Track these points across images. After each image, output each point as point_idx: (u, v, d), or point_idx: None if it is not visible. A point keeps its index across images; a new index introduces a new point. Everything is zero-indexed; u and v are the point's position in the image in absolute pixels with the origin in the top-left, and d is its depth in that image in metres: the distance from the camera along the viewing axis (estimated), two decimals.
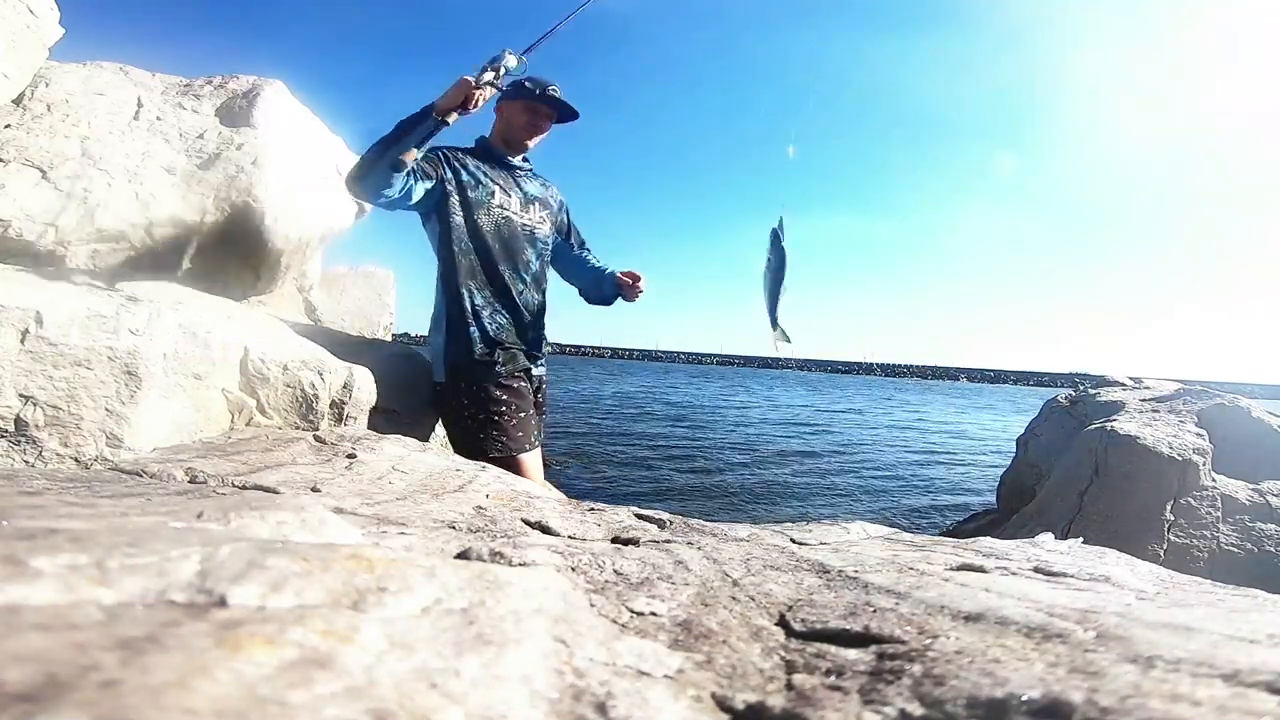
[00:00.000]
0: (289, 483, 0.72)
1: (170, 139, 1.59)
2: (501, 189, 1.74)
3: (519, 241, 1.76)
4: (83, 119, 1.48)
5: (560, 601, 0.38)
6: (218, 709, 0.19)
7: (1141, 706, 0.27)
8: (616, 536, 0.67)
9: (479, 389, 1.59)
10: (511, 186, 1.77)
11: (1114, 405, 2.62)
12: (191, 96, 1.74)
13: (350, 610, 0.28)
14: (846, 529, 0.84)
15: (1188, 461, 1.95)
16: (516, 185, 1.79)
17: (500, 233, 1.72)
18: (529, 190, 1.82)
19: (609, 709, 0.27)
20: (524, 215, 1.80)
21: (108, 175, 1.41)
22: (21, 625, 0.22)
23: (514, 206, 1.76)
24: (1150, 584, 0.60)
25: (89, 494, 0.52)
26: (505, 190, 1.75)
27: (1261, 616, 0.42)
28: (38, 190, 1.32)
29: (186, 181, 1.52)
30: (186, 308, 1.38)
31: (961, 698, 0.29)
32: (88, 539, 0.29)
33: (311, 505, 0.47)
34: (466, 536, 0.60)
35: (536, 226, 1.81)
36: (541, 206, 1.84)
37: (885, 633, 0.37)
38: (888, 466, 6.06)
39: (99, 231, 1.38)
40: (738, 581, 0.50)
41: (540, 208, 1.84)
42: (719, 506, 4.01)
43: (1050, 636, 0.35)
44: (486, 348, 1.62)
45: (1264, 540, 1.85)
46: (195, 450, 0.85)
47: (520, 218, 1.78)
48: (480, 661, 0.27)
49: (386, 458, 0.88)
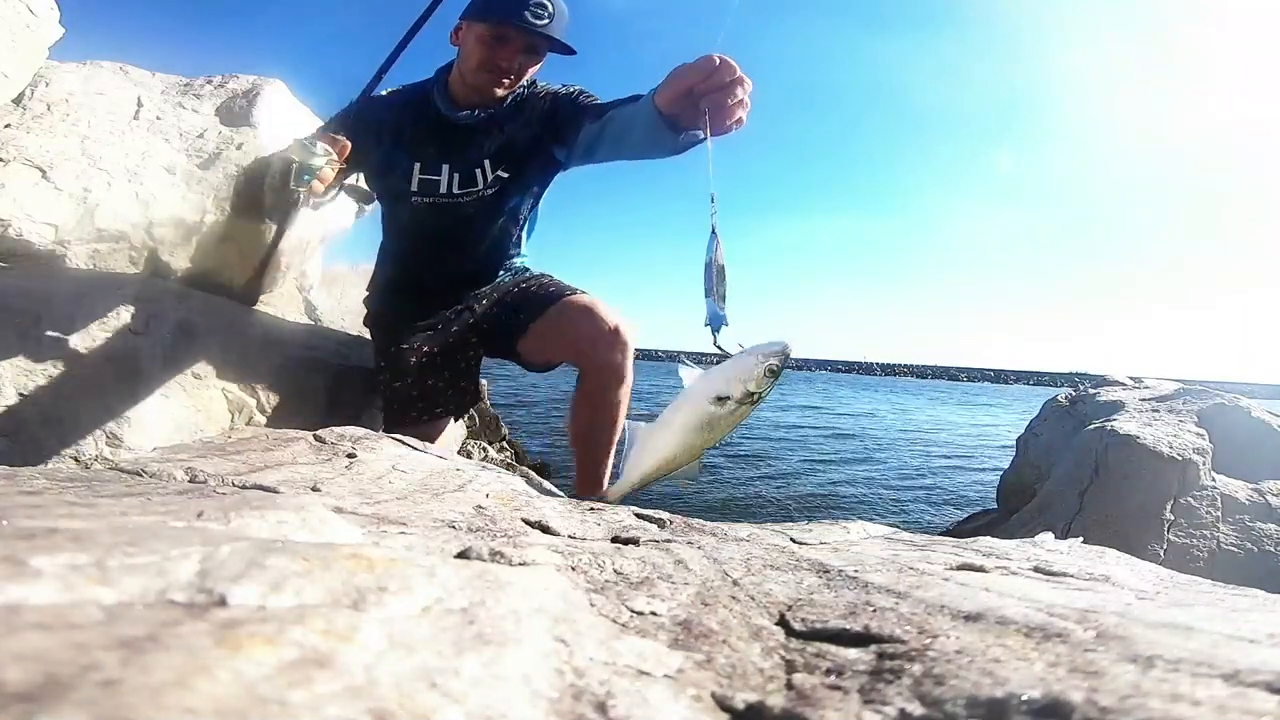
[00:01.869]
0: (289, 482, 0.72)
1: (170, 138, 1.59)
2: (425, 161, 1.34)
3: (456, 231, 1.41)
4: (83, 118, 1.48)
5: (560, 601, 0.38)
6: (218, 708, 0.19)
7: (1141, 706, 0.27)
8: (616, 536, 0.67)
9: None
10: (450, 150, 1.36)
11: (1114, 405, 2.62)
12: (191, 96, 1.74)
13: (350, 610, 0.28)
14: (847, 529, 0.85)
15: (1188, 461, 1.95)
16: (458, 148, 1.36)
17: (423, 229, 1.39)
18: (487, 145, 1.37)
19: (609, 708, 0.27)
20: (466, 191, 1.37)
21: (108, 175, 1.41)
22: (21, 625, 0.22)
23: (443, 186, 1.36)
24: (1150, 583, 0.60)
25: (89, 493, 0.52)
26: (433, 158, 1.35)
27: (1261, 616, 0.42)
28: (38, 190, 1.32)
29: (187, 181, 1.52)
30: (187, 307, 1.38)
31: (961, 697, 0.29)
32: (88, 538, 0.29)
33: (312, 505, 0.47)
34: (466, 536, 0.60)
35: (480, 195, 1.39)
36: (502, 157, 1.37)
37: (885, 632, 0.37)
38: (888, 465, 6.06)
39: (99, 231, 1.38)
40: (738, 581, 0.50)
41: (499, 159, 1.37)
42: (719, 506, 4.01)
43: (1050, 636, 0.35)
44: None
45: (1264, 540, 1.85)
46: (195, 450, 0.85)
47: (461, 198, 1.37)
48: (480, 661, 0.27)
49: (386, 457, 0.88)
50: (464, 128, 1.37)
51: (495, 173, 1.39)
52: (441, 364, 1.45)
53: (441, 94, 1.37)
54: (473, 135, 1.37)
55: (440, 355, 1.45)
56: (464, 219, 1.42)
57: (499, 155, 1.39)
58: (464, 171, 1.38)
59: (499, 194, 1.42)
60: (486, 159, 1.38)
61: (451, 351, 1.48)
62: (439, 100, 1.37)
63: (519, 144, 1.39)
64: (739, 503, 4.17)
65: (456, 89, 1.36)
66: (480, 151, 1.38)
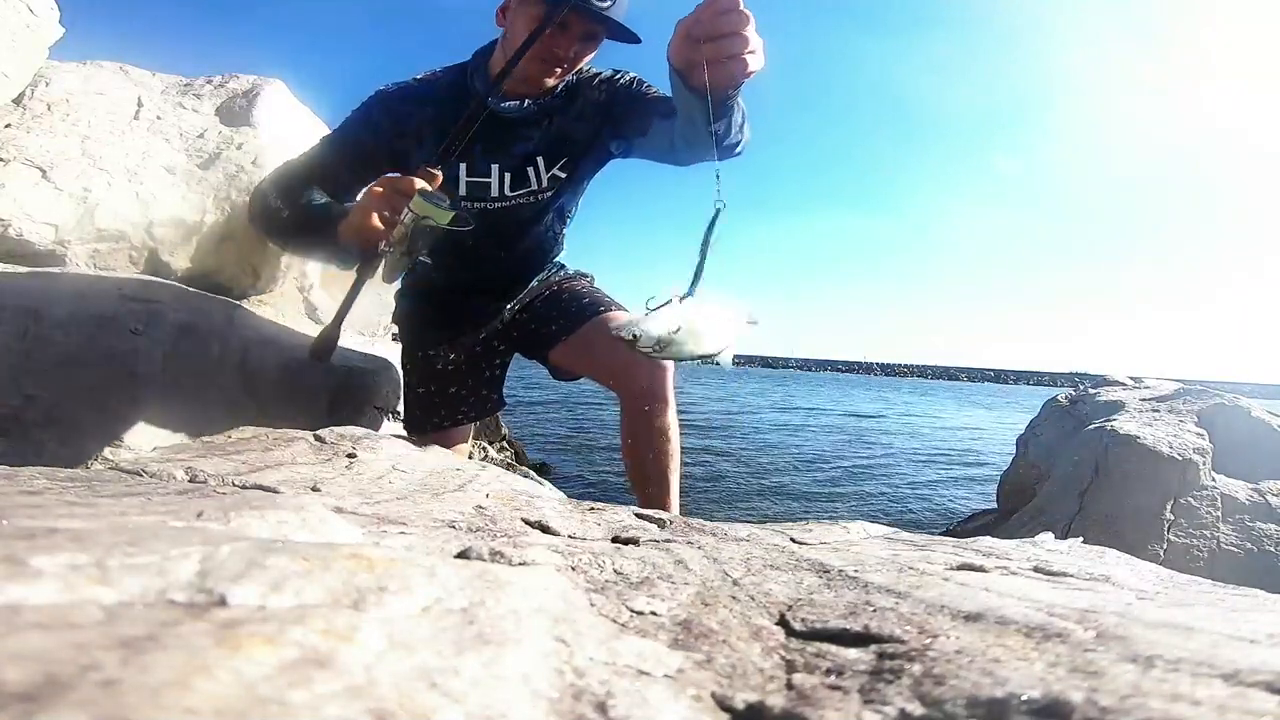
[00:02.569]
0: (289, 482, 0.72)
1: (170, 138, 1.59)
2: (470, 164, 1.18)
3: (504, 235, 1.28)
4: (83, 118, 1.48)
5: (560, 601, 0.38)
6: (218, 708, 0.19)
7: (1141, 706, 0.27)
8: (616, 536, 0.67)
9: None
10: (497, 146, 1.19)
11: (1114, 405, 2.62)
12: (191, 96, 1.74)
13: (350, 610, 0.28)
14: (847, 528, 0.84)
15: (1188, 461, 1.95)
16: (503, 144, 1.20)
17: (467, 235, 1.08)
18: (538, 139, 1.21)
19: (609, 708, 0.27)
20: (519, 192, 1.22)
21: (108, 174, 1.41)
22: (21, 624, 0.22)
23: (494, 189, 1.21)
24: (1150, 583, 0.60)
25: (89, 493, 0.52)
26: (481, 156, 1.18)
27: (1261, 616, 0.42)
28: (37, 190, 1.32)
29: (187, 181, 1.52)
30: (187, 307, 1.38)
31: (961, 697, 0.29)
32: (88, 538, 0.29)
33: (312, 504, 0.47)
34: (466, 536, 0.60)
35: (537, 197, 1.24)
36: (557, 157, 1.22)
37: (885, 632, 0.37)
38: (888, 465, 6.06)
39: (99, 231, 1.38)
40: (738, 581, 0.50)
41: (554, 157, 1.22)
42: (719, 506, 4.01)
43: (1050, 636, 0.35)
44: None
45: (1264, 540, 1.85)
46: (195, 450, 0.85)
47: (513, 201, 1.23)
48: (480, 661, 0.27)
49: (387, 457, 0.88)
50: (511, 120, 1.18)
51: (552, 171, 1.24)
52: (467, 371, 1.42)
53: (484, 81, 1.17)
54: (521, 129, 1.21)
55: (466, 363, 1.42)
56: (514, 223, 1.27)
57: (553, 151, 1.23)
58: (515, 170, 1.22)
59: (554, 195, 1.28)
60: (540, 156, 1.23)
61: (478, 360, 1.44)
62: (481, 88, 1.15)
63: (575, 139, 1.24)
64: (739, 503, 4.17)
65: (493, 81, 1.13)
66: (530, 146, 1.22)
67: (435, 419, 1.38)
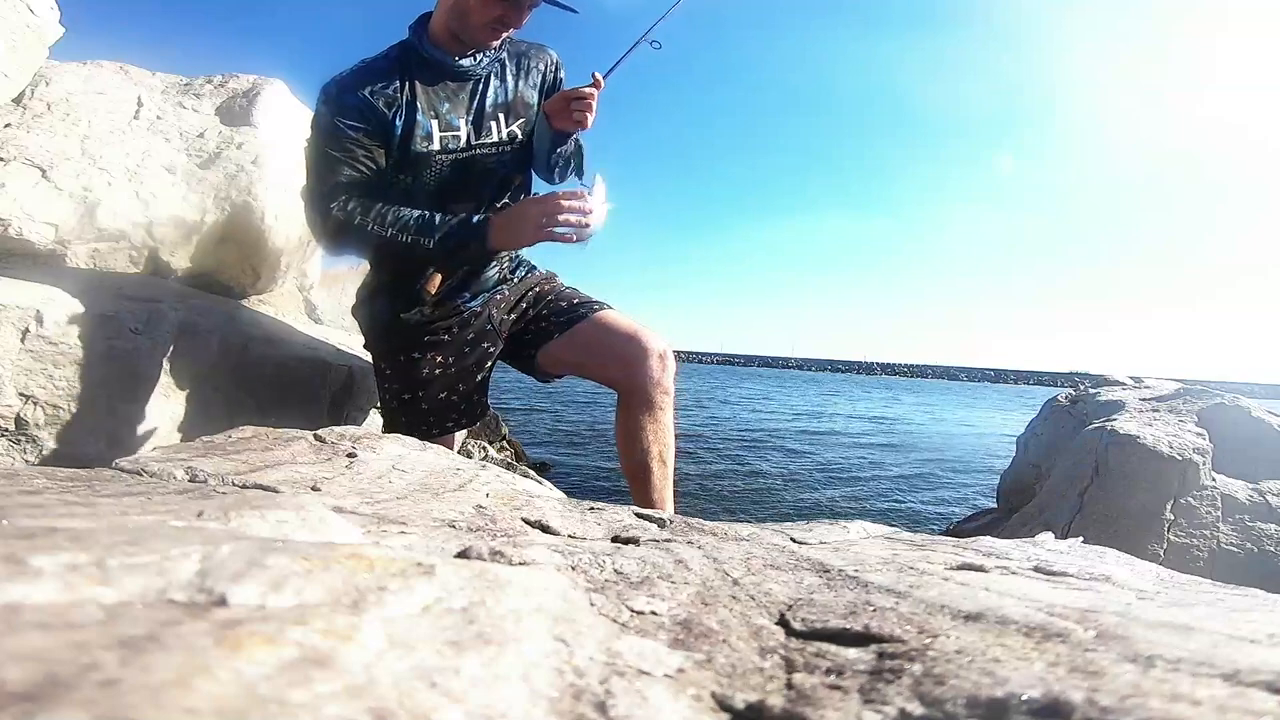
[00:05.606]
0: (289, 481, 0.72)
1: (170, 138, 1.59)
2: (441, 118, 1.25)
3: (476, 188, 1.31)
4: (83, 118, 1.48)
5: (560, 600, 0.38)
6: (218, 708, 0.19)
7: (1141, 706, 0.27)
8: (616, 535, 0.67)
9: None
10: (459, 101, 1.27)
11: (1114, 405, 2.62)
12: (192, 95, 1.74)
13: (350, 609, 0.28)
14: (847, 528, 0.84)
15: (1188, 461, 1.95)
16: (469, 96, 1.28)
17: (444, 188, 1.26)
18: (492, 93, 1.30)
19: (609, 708, 0.27)
20: (482, 142, 1.29)
21: (108, 174, 1.41)
22: (21, 624, 0.22)
23: (462, 139, 1.27)
24: (1150, 583, 0.60)
25: (89, 493, 0.52)
26: (449, 114, 1.26)
27: (1261, 616, 0.42)
28: (38, 189, 1.32)
29: (187, 180, 1.52)
30: (187, 307, 1.38)
31: (961, 697, 0.29)
32: (88, 538, 0.29)
33: (312, 504, 0.47)
34: (466, 535, 0.60)
35: (500, 149, 1.31)
36: (512, 112, 1.32)
37: (885, 632, 0.37)
38: (888, 465, 6.06)
39: (99, 231, 1.38)
40: (738, 581, 0.50)
41: (511, 115, 1.32)
42: (719, 506, 4.01)
43: (1050, 636, 0.35)
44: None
45: (1264, 540, 1.85)
46: (195, 449, 0.85)
47: (477, 150, 1.29)
48: (480, 660, 0.27)
49: (386, 456, 0.88)
50: (469, 75, 1.28)
51: (510, 128, 1.32)
52: (456, 377, 1.37)
53: (433, 46, 1.26)
54: (477, 83, 1.30)
55: (455, 368, 1.37)
56: (483, 173, 1.31)
57: (509, 110, 1.32)
58: (476, 121, 1.30)
59: (515, 154, 1.34)
60: (500, 113, 1.31)
61: (466, 362, 1.39)
62: (433, 51, 1.25)
63: (528, 103, 1.34)
64: (739, 502, 4.17)
65: (442, 40, 1.25)
66: (486, 101, 1.30)
67: (424, 426, 1.33)
